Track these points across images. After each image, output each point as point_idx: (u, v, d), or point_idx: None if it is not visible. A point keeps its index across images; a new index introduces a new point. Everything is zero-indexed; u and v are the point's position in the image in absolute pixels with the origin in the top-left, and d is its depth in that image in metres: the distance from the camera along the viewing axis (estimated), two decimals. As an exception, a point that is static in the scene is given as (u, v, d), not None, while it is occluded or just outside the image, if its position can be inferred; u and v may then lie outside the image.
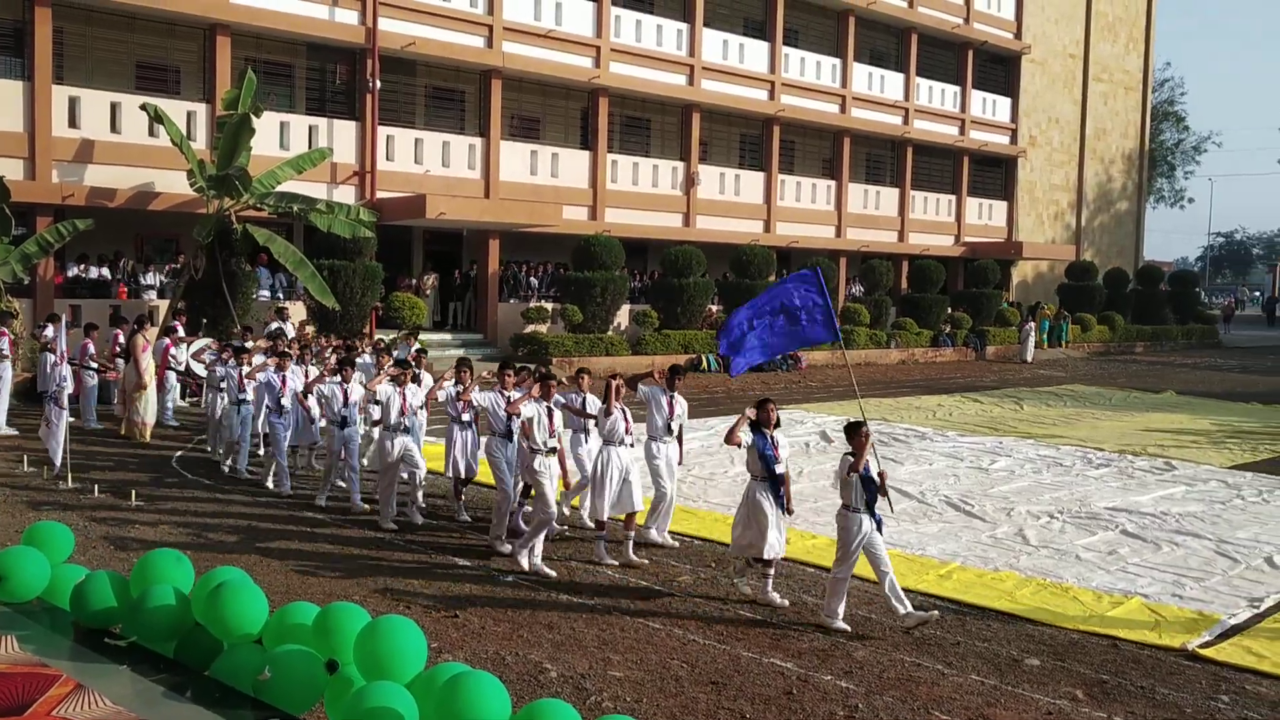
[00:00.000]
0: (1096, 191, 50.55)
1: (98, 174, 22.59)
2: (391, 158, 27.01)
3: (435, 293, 29.21)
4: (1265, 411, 23.41)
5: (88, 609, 5.16)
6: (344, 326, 23.33)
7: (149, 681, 4.55)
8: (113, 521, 11.15)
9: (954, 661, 7.92)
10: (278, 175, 22.31)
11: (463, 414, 11.50)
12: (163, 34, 24.31)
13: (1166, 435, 19.39)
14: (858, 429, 8.56)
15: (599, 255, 27.75)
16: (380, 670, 4.39)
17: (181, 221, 23.55)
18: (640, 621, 8.61)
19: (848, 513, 8.54)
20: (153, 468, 14.22)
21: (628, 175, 31.90)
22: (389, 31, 26.31)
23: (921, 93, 40.46)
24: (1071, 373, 32.52)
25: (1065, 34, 47.88)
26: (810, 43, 37.19)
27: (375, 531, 11.20)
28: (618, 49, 30.99)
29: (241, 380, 13.77)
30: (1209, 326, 48.41)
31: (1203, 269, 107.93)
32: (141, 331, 16.52)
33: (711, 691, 7.22)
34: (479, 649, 7.83)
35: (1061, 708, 7.14)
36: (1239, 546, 11.33)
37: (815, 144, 37.96)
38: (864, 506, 8.45)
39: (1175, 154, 71.82)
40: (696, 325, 30.19)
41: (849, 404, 22.27)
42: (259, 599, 5.02)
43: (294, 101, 26.35)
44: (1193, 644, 8.35)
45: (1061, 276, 44.76)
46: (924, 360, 34.78)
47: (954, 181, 42.61)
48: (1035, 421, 20.90)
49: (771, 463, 9.05)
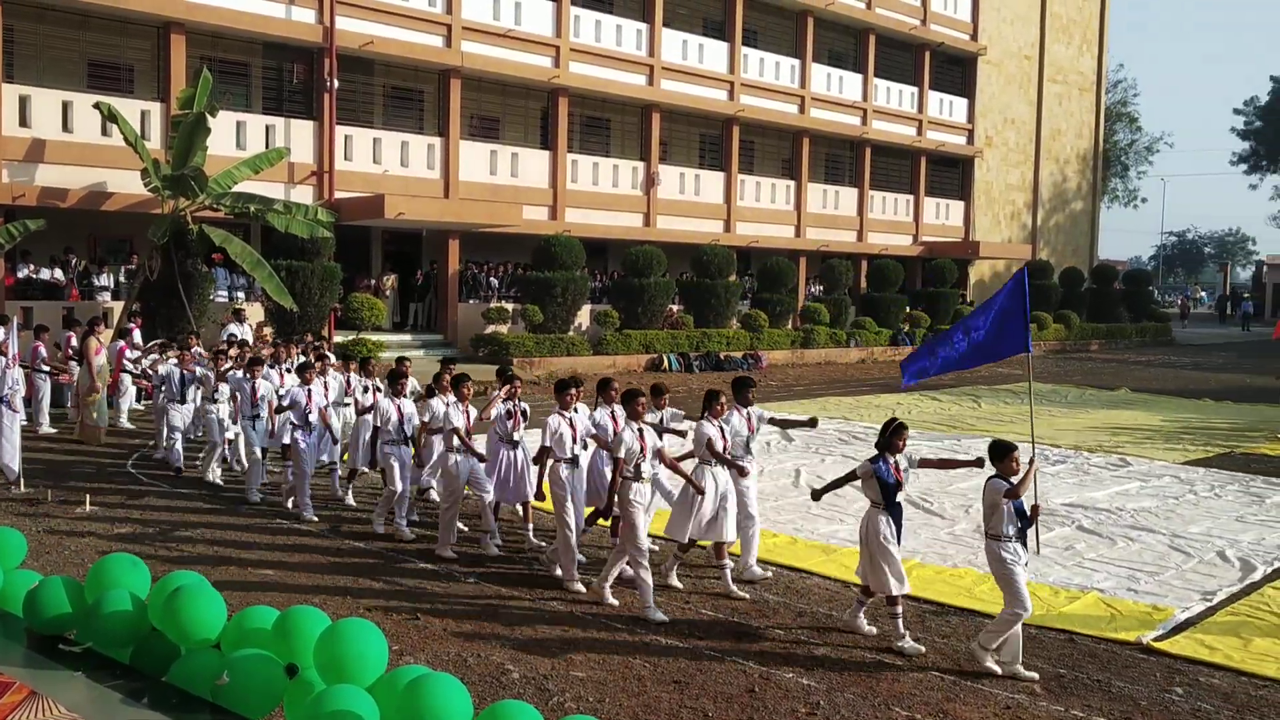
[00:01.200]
0: (1052, 191, 51.13)
1: (49, 174, 22.26)
2: (350, 157, 26.83)
3: (394, 293, 29.06)
4: (1217, 408, 23.78)
5: (41, 615, 5.08)
6: (302, 327, 23.14)
7: (105, 688, 4.49)
8: (66, 526, 10.99)
9: (914, 657, 7.98)
10: (234, 175, 22.09)
11: (514, 433, 10.64)
12: (116, 32, 23.99)
13: (1121, 432, 19.65)
14: (1009, 451, 7.74)
15: (559, 255, 27.70)
16: (341, 674, 4.35)
17: (136, 222, 23.25)
18: (602, 621, 8.61)
19: (999, 544, 7.66)
20: (107, 471, 14.03)
21: (588, 175, 31.88)
22: (347, 30, 26.13)
23: (879, 93, 40.75)
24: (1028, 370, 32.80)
25: (1021, 35, 48.40)
26: (769, 43, 37.34)
27: (333, 535, 11.12)
28: (577, 49, 30.97)
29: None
30: (1162, 324, 49.10)
31: (1156, 268, 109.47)
32: (95, 334, 16.29)
33: (674, 690, 7.23)
34: (440, 651, 7.79)
35: (1020, 702, 7.22)
36: (1192, 541, 11.51)
37: (774, 144, 38.12)
38: (1015, 536, 7.65)
39: (1129, 154, 72.82)
40: (657, 325, 30.23)
41: (808, 402, 22.40)
42: (217, 603, 4.97)
43: (250, 101, 26.10)
44: (1147, 637, 8.46)
45: (1018, 275, 45.17)
46: (883, 359, 35.02)
47: (912, 181, 42.96)
48: (993, 419, 21.10)
49: (894, 489, 8.24)
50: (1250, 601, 9.42)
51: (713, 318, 31.45)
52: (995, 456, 7.79)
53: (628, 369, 28.07)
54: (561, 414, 9.63)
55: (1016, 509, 7.66)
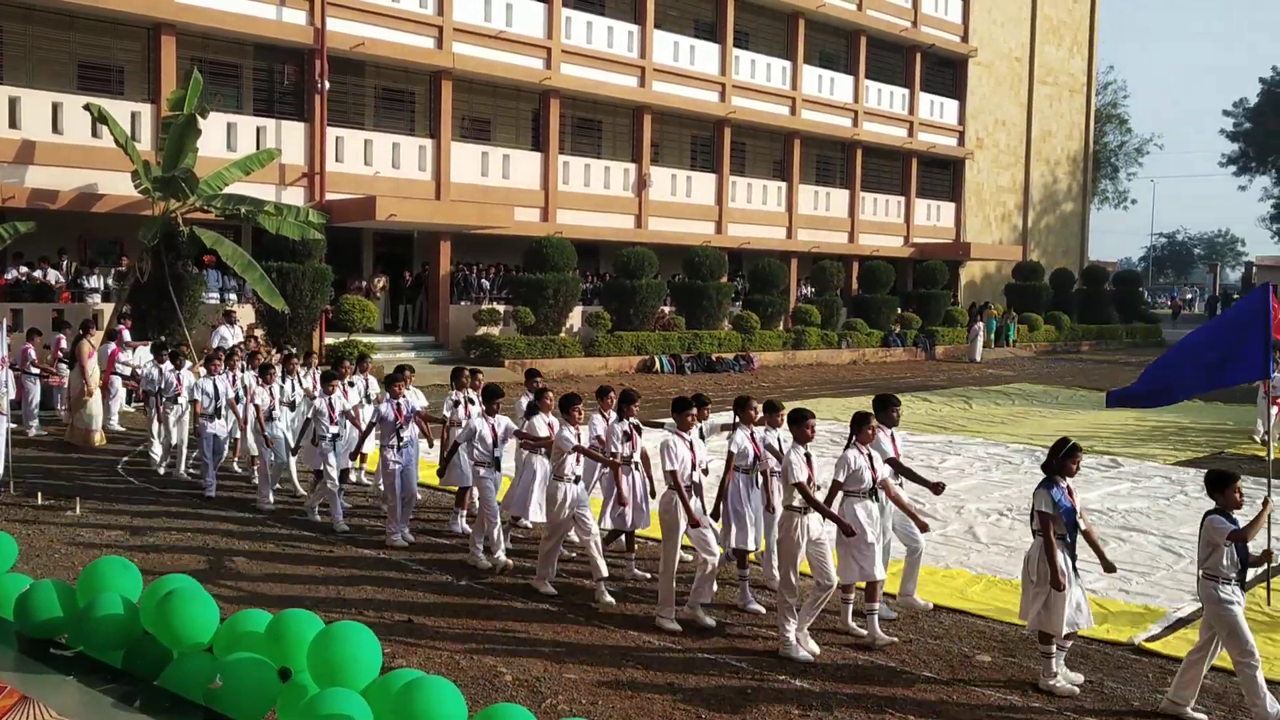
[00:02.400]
0: (1042, 193, 51.25)
1: (39, 175, 22.19)
2: (341, 159, 26.78)
3: (386, 295, 29.01)
4: (1207, 409, 23.84)
5: (32, 619, 5.05)
6: (294, 329, 23.12)
7: (96, 692, 4.47)
8: (57, 529, 10.95)
9: (907, 659, 7.99)
10: (225, 177, 22.03)
11: (633, 452, 9.81)
12: (106, 33, 23.92)
13: (1112, 433, 19.70)
14: (1230, 482, 6.97)
15: (551, 257, 27.69)
16: (334, 677, 4.34)
17: (126, 224, 23.19)
18: (595, 624, 8.60)
19: (1216, 584, 6.89)
20: (98, 474, 13.97)
21: (579, 177, 31.87)
22: (337, 32, 26.08)
23: (870, 95, 40.81)
24: (1019, 372, 32.94)
25: (1011, 37, 48.50)
26: (760, 45, 37.37)
27: (326, 538, 11.09)
28: (569, 50, 30.96)
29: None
30: (1153, 325, 49.25)
31: (1146, 269, 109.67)
32: (87, 336, 16.24)
33: (667, 693, 7.22)
34: (433, 654, 7.78)
35: (1013, 703, 7.23)
36: (1183, 542, 11.53)
37: (766, 146, 38.15)
38: (1235, 577, 6.88)
39: (1118, 156, 73.06)
40: (649, 326, 30.23)
41: (799, 403, 22.38)
42: (209, 606, 4.95)
43: (241, 102, 26.04)
44: (1139, 638, 8.49)
45: (1009, 277, 45.34)
46: (875, 360, 35.06)
47: (903, 183, 43.02)
48: (984, 420, 21.14)
49: (1072, 516, 7.38)
50: (1241, 602, 9.43)
51: (704, 319, 31.46)
52: (1214, 487, 7.02)
53: (619, 371, 28.07)
54: (682, 436, 8.83)
55: (1239, 551, 6.88)
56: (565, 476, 9.23)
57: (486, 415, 10.25)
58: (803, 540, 7.93)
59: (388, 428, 10.96)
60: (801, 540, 7.92)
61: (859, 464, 8.25)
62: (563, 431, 9.25)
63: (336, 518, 11.36)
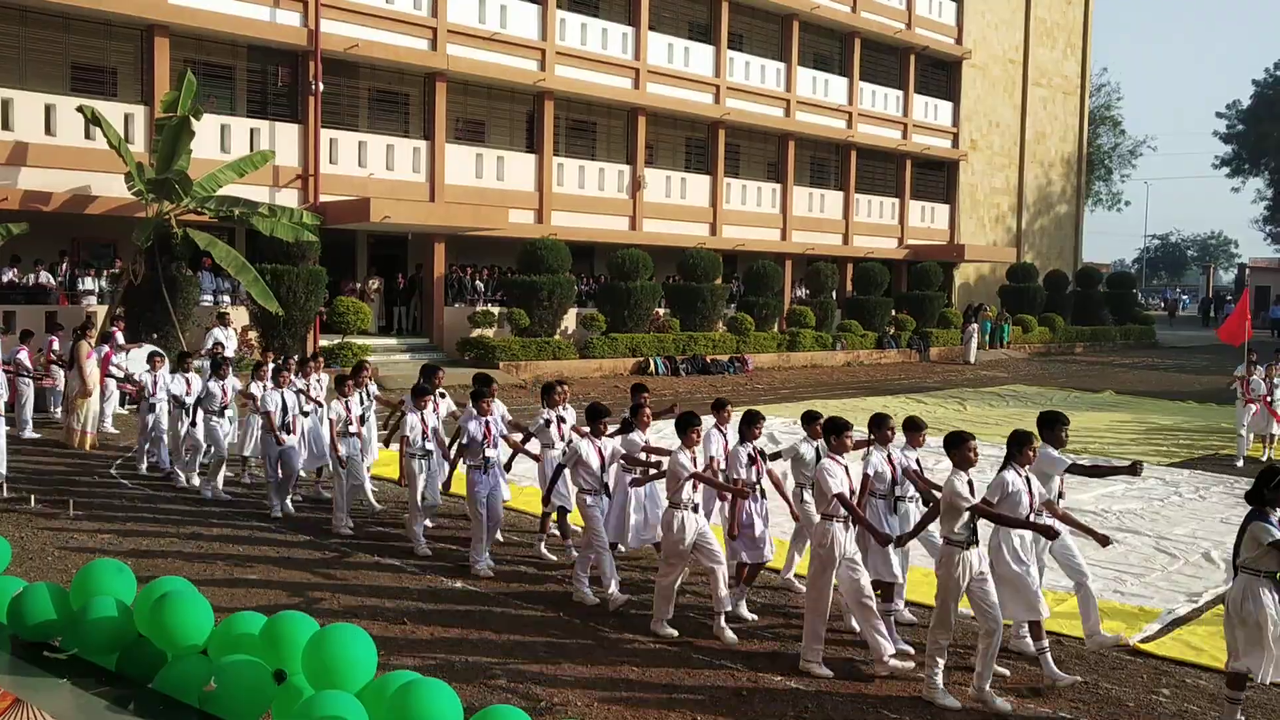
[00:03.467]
0: (1036, 195, 51.32)
1: (32, 177, 22.13)
2: (335, 161, 26.75)
3: (380, 297, 28.99)
4: (1201, 410, 23.90)
5: (26, 622, 5.03)
6: (288, 331, 23.08)
7: (91, 695, 4.45)
8: (51, 532, 10.92)
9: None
10: (219, 178, 22.00)
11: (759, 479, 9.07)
12: (99, 35, 23.88)
13: (1106, 434, 19.72)
14: None
15: (545, 259, 27.67)
16: (330, 679, 4.32)
17: (120, 226, 23.13)
18: (589, 625, 8.59)
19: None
20: (91, 476, 13.94)
21: (574, 178, 31.86)
22: (331, 34, 26.06)
23: (865, 97, 40.85)
24: (1013, 373, 32.98)
25: (1005, 39, 48.58)
26: (755, 47, 37.40)
27: (320, 540, 11.07)
28: (563, 52, 30.96)
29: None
30: (1146, 327, 49.34)
31: (1139, 271, 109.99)
32: (85, 338, 16.21)
33: (661, 694, 7.22)
34: (427, 656, 7.77)
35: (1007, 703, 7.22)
36: (1177, 543, 11.56)
37: (760, 147, 38.17)
38: None
39: (1112, 158, 73.16)
40: (644, 328, 30.23)
41: (795, 405, 22.40)
42: (204, 609, 4.92)
43: (235, 104, 26.01)
44: (1134, 639, 8.49)
45: (1003, 279, 45.39)
46: (869, 362, 35.08)
47: (897, 185, 43.07)
48: (979, 422, 21.15)
49: None
50: (1236, 603, 9.45)
51: (699, 321, 31.46)
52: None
53: (614, 373, 28.06)
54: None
55: None
56: (683, 503, 8.41)
57: (592, 437, 9.43)
58: (964, 577, 7.24)
59: (475, 448, 10.08)
60: (964, 577, 7.24)
61: (1016, 486, 7.62)
62: (678, 456, 8.46)
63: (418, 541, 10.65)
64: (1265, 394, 17.54)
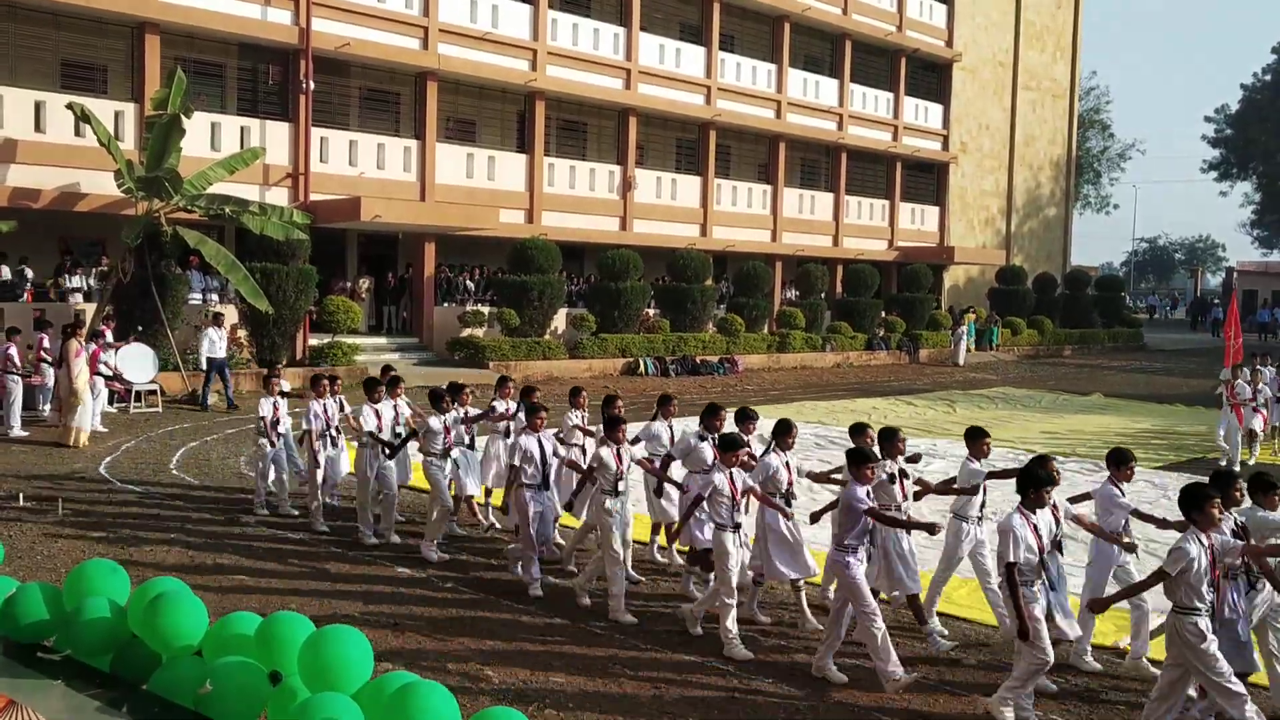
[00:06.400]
0: (1025, 197, 51.49)
1: (21, 174, 22.03)
2: (326, 159, 26.69)
3: (370, 296, 28.94)
4: (1189, 413, 23.99)
5: (19, 623, 5.01)
6: (277, 330, 23.01)
7: (84, 696, 4.44)
8: (42, 531, 10.87)
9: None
10: (209, 176, 21.92)
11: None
12: (90, 32, 23.78)
13: (1095, 436, 19.79)
14: None
15: (536, 259, 27.66)
16: (325, 681, 4.32)
17: (109, 224, 23.04)
18: (581, 627, 8.59)
19: None
20: (82, 475, 13.87)
21: (564, 179, 31.85)
22: (323, 32, 25.99)
23: (855, 99, 40.93)
24: (1002, 375, 33.07)
25: (995, 42, 48.72)
26: (746, 48, 37.43)
27: (314, 541, 11.04)
28: (554, 52, 30.95)
29: None
30: (1134, 330, 49.52)
31: (1128, 274, 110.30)
32: (75, 336, 16.13)
33: (653, 696, 7.22)
34: (420, 658, 7.76)
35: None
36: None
37: (751, 149, 38.21)
38: None
39: (1101, 161, 73.46)
40: (634, 329, 30.22)
41: (784, 406, 22.43)
42: (198, 610, 4.92)
43: (225, 102, 25.93)
44: (1123, 642, 8.52)
45: (992, 281, 45.52)
46: (859, 363, 35.14)
47: (887, 187, 43.16)
48: (968, 424, 21.16)
49: None
50: (1224, 606, 9.48)
51: (689, 322, 31.47)
52: None
53: (604, 373, 28.05)
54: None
55: None
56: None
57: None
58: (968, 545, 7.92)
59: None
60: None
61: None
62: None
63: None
64: (1250, 398, 17.63)
